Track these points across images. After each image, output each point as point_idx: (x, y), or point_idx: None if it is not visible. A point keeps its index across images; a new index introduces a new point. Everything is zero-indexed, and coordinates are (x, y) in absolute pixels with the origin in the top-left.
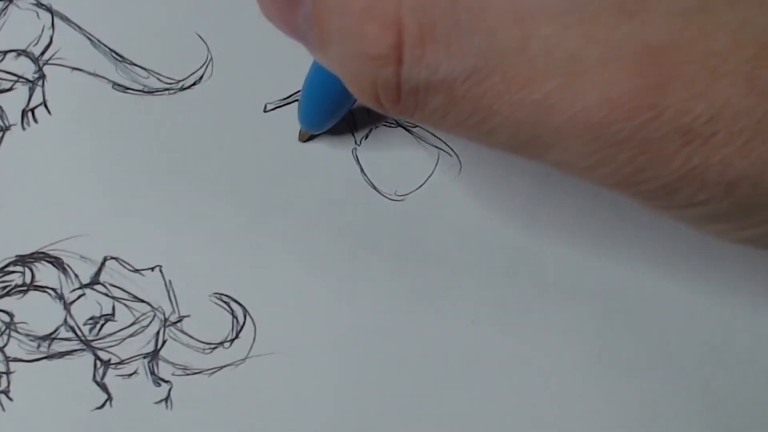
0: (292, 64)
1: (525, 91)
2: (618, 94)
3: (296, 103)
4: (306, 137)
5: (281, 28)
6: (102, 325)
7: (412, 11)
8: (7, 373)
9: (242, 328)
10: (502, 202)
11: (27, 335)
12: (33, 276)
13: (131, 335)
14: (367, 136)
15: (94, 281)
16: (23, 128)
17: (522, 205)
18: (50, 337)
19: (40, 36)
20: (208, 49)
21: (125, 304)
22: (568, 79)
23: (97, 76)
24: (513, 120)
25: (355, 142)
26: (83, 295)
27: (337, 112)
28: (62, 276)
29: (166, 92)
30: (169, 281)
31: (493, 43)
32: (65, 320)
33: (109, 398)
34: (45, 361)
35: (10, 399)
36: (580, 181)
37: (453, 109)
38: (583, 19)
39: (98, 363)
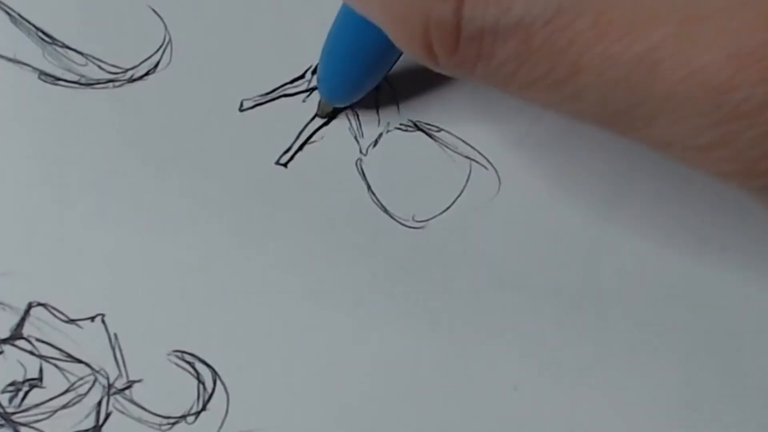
0: (275, 49)
1: (624, 42)
2: (749, 49)
3: (281, 100)
4: (327, 112)
5: None
6: (26, 393)
7: None
8: None
9: (211, 397)
10: (554, 232)
11: None
12: None
13: (64, 406)
14: (375, 143)
15: (16, 335)
16: None
17: (581, 236)
18: None
19: None
20: (166, 29)
21: (56, 365)
22: (684, 27)
23: (19, 62)
24: (606, 80)
25: (361, 151)
26: (1, 353)
27: (370, 76)
28: None
29: (110, 84)
30: (115, 335)
31: None
32: None
33: None
34: None
35: None
36: (669, 181)
37: (527, 63)
38: None
39: None
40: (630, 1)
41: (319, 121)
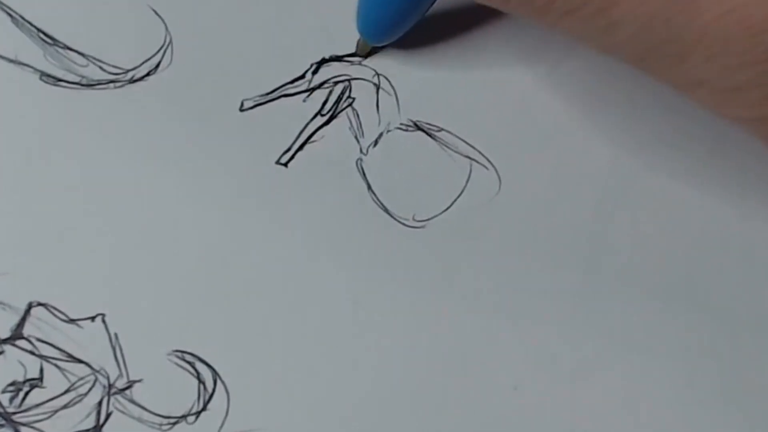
0: (275, 49)
1: None
2: None
3: (282, 100)
4: (366, 50)
5: None
6: (26, 393)
7: None
8: None
9: (211, 396)
10: (554, 232)
11: None
12: None
13: (65, 406)
14: (376, 143)
15: (16, 335)
16: None
17: (581, 236)
18: None
19: None
20: (167, 29)
21: (57, 365)
22: None
23: (20, 63)
24: (642, 12)
25: (361, 151)
26: (1, 353)
27: (411, 11)
28: None
29: (111, 85)
30: (115, 335)
31: None
32: None
33: None
34: None
35: None
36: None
37: None
38: None
39: None
40: None
41: (319, 121)
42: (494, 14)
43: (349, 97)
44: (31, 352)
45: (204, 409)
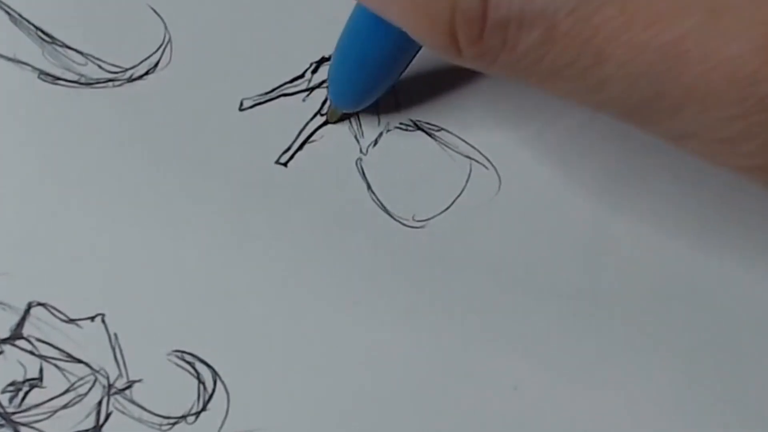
0: (275, 48)
1: (651, 31)
2: None
3: (281, 99)
4: (336, 117)
5: None
6: (26, 393)
7: None
8: None
9: (211, 397)
10: (555, 231)
11: None
12: None
13: (64, 406)
14: (376, 143)
15: (16, 335)
16: None
17: (582, 235)
18: None
19: None
20: (166, 28)
21: (56, 365)
22: (711, 16)
23: (18, 62)
24: (631, 69)
25: (361, 151)
26: (1, 353)
27: (381, 82)
28: None
29: (110, 84)
30: (115, 335)
31: None
32: None
33: None
34: None
35: None
36: (690, 174)
37: (551, 52)
38: None
39: None
40: None
41: (319, 121)
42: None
43: None
44: (31, 352)
45: (204, 409)
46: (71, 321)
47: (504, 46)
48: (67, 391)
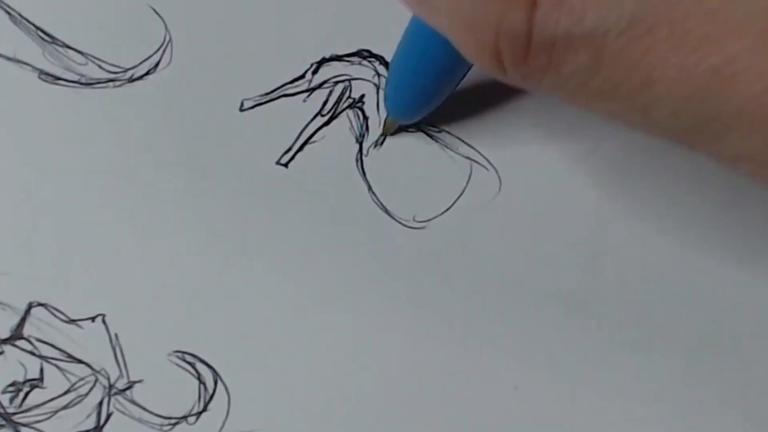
0: (276, 49)
1: (701, 53)
2: None
3: (282, 100)
4: (393, 129)
5: None
6: (27, 394)
7: None
8: None
9: (212, 397)
10: (554, 232)
11: None
12: None
13: (65, 407)
14: (377, 144)
15: (16, 335)
16: None
17: (582, 236)
18: None
19: None
20: (166, 28)
21: (57, 366)
22: (762, 39)
23: (19, 62)
24: (680, 91)
25: (362, 152)
26: (1, 353)
27: (439, 92)
28: None
29: (110, 84)
30: (116, 335)
31: None
32: None
33: None
34: None
35: None
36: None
37: (599, 73)
38: None
39: None
40: (706, 12)
41: (319, 121)
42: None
43: (349, 97)
44: (32, 353)
45: (204, 409)
46: (72, 321)
47: (549, 67)
48: (67, 392)
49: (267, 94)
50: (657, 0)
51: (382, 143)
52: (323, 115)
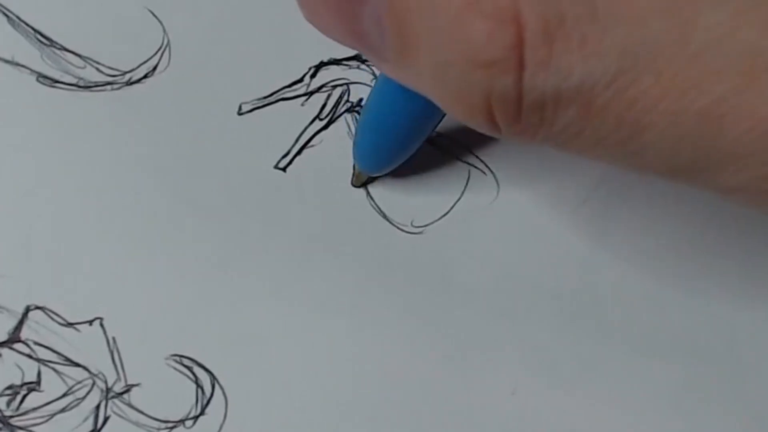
0: (274, 52)
1: (688, 98)
2: None
3: (280, 104)
4: (362, 181)
5: (337, 35)
6: (24, 397)
7: (531, 0)
8: None
9: (209, 401)
10: (553, 237)
11: None
12: None
13: (62, 410)
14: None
15: (14, 338)
16: None
17: (580, 240)
18: None
19: None
20: (164, 31)
21: (54, 369)
22: (746, 79)
23: (17, 64)
24: (671, 135)
25: None
26: None
27: (409, 146)
28: None
29: (109, 87)
30: (113, 338)
31: (642, 35)
32: None
33: None
34: None
35: None
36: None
37: (590, 125)
38: (760, 2)
39: None
40: (690, 56)
41: (317, 125)
42: None
43: (347, 101)
44: (29, 356)
45: (202, 413)
46: (69, 324)
47: (542, 123)
48: (64, 395)
49: (265, 97)
50: (640, 49)
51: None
52: (321, 119)
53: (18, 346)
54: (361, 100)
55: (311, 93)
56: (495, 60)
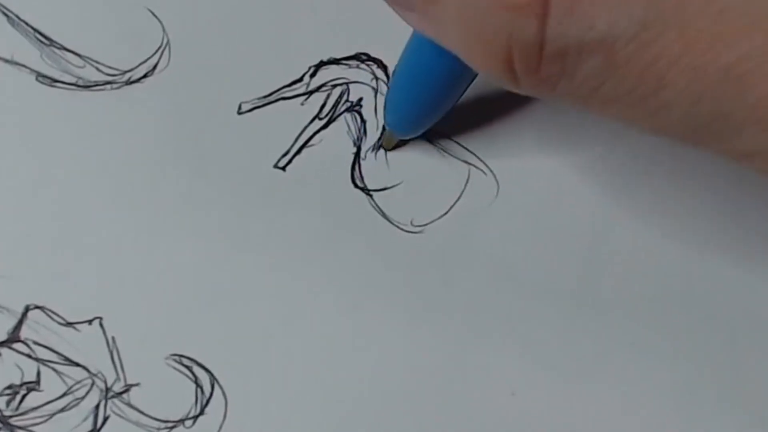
0: (274, 52)
1: (711, 54)
2: None
3: (280, 103)
4: (393, 144)
5: None
6: (23, 397)
7: None
8: None
9: (209, 401)
10: (552, 236)
11: None
12: None
13: (62, 410)
14: (375, 148)
15: (13, 338)
16: None
17: (580, 240)
18: None
19: None
20: (164, 30)
21: (54, 369)
22: None
23: (16, 64)
24: (691, 93)
25: (359, 155)
26: None
27: (440, 107)
28: None
29: (108, 86)
30: (112, 338)
31: None
32: None
33: None
34: None
35: None
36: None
37: (611, 78)
38: None
39: None
40: (715, 12)
41: (317, 125)
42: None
43: (347, 100)
44: (28, 356)
45: (201, 413)
46: (69, 324)
47: (562, 74)
48: (64, 395)
49: (265, 97)
50: (666, 3)
51: (377, 151)
52: (321, 119)
53: (17, 345)
54: (360, 99)
55: (311, 92)
56: (519, 4)
